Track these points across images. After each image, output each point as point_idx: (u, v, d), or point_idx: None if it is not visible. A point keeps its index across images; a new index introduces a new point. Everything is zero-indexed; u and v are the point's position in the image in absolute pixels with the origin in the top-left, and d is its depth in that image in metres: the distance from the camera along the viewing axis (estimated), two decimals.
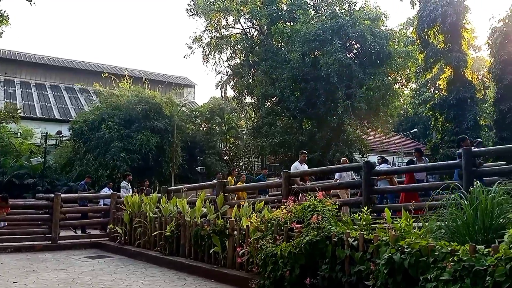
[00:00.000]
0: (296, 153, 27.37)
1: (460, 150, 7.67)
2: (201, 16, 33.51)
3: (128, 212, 11.08)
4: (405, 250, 4.57)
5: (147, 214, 10.27)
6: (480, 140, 12.54)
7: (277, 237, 6.52)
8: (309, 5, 30.94)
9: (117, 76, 30.87)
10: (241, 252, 7.08)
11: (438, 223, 5.45)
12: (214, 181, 13.20)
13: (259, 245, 6.66)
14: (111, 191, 14.31)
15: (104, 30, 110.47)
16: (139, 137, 23.97)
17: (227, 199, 10.91)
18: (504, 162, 10.53)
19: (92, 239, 12.66)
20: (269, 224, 6.92)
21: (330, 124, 26.66)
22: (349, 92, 25.33)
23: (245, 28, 34.93)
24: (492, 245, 4.01)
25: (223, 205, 9.17)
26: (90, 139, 24.12)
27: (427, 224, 5.62)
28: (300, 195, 8.85)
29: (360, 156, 29.18)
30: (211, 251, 7.90)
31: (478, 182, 5.59)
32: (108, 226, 12.17)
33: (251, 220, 7.29)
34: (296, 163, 11.70)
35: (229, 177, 15.32)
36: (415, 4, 30.17)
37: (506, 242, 4.07)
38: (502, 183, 5.63)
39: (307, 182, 10.70)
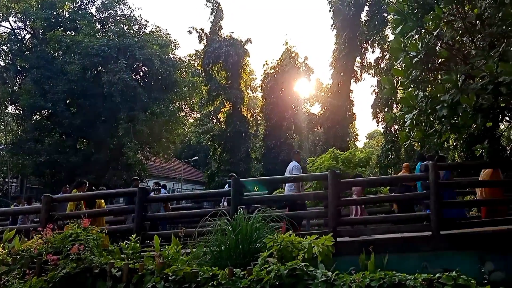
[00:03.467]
0: (68, 174, 25.09)
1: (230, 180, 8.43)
2: None
3: None
4: (169, 278, 4.62)
5: None
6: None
7: (27, 271, 5.66)
8: (94, 18, 29.61)
9: None
10: None
11: (205, 249, 5.78)
12: None
13: (2, 282, 5.64)
14: None
15: None
16: None
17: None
18: (267, 191, 12.11)
19: None
20: (19, 257, 5.98)
21: (109, 145, 25.61)
22: (132, 114, 25.07)
23: (15, 28, 30.60)
24: (247, 268, 4.45)
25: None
26: None
27: (194, 250, 5.88)
28: None
29: (139, 181, 28.88)
30: None
31: (241, 209, 6.21)
32: None
33: None
34: (296, 163, 10.04)
35: (74, 189, 11.98)
36: (203, 39, 32.71)
37: (259, 265, 4.60)
38: (261, 210, 6.42)
39: None
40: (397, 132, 23.48)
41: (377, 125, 29.69)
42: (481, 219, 9.15)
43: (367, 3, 28.19)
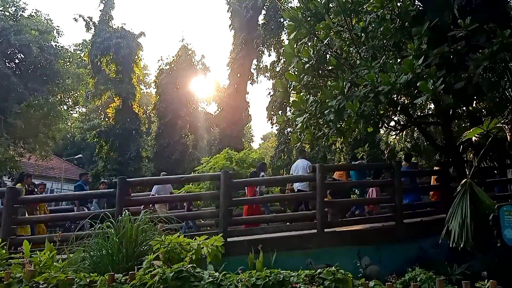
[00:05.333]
0: None
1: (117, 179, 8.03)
2: None
3: None
4: (40, 286, 4.24)
5: None
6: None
7: None
8: None
9: None
10: None
11: (84, 254, 5.42)
12: None
13: None
14: None
15: None
16: None
17: None
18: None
19: None
20: None
21: None
22: (4, 106, 22.61)
23: None
24: (130, 272, 4.27)
25: None
26: None
27: (72, 255, 5.48)
28: None
29: (10, 180, 26.12)
30: None
31: (127, 211, 5.95)
32: None
33: None
34: (307, 161, 10.60)
35: (18, 184, 10.31)
36: (91, 28, 30.70)
37: (144, 268, 4.44)
38: (148, 211, 6.23)
39: None
40: (289, 134, 24.61)
41: (271, 127, 30.80)
42: (366, 217, 10.04)
43: (264, 7, 29.08)
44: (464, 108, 8.66)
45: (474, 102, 8.02)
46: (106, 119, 34.08)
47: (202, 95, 40.67)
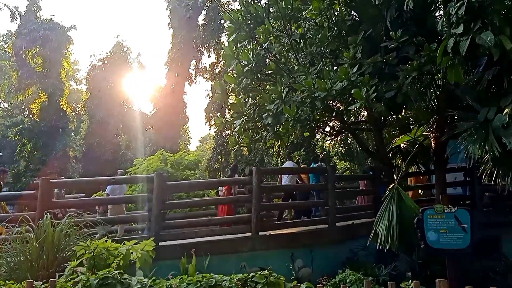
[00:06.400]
0: None
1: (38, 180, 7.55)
2: None
3: None
4: None
5: None
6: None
7: None
8: None
9: None
10: None
11: None
12: None
13: None
14: None
15: None
16: None
17: None
18: (84, 194, 11.28)
19: None
20: None
21: None
22: None
23: None
24: (51, 279, 4.01)
25: None
26: None
27: None
28: None
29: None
30: None
31: (49, 214, 5.60)
32: None
33: None
34: (293, 163, 11.92)
35: None
36: (16, 18, 28.78)
37: (66, 275, 4.20)
38: (73, 215, 5.92)
39: None
40: (228, 136, 24.58)
41: (210, 129, 30.61)
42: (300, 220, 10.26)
43: (204, 7, 28.90)
44: (394, 116, 9.13)
45: (403, 110, 8.48)
46: (30, 116, 32.05)
47: (137, 94, 39.58)
